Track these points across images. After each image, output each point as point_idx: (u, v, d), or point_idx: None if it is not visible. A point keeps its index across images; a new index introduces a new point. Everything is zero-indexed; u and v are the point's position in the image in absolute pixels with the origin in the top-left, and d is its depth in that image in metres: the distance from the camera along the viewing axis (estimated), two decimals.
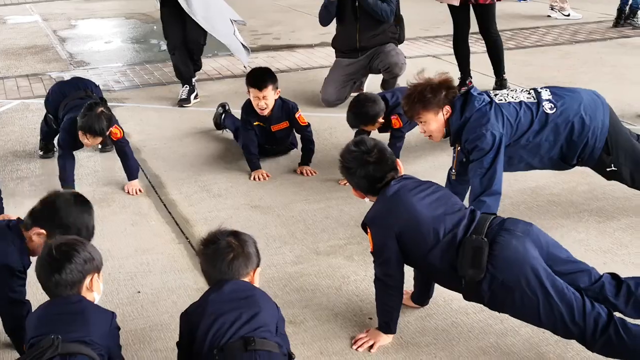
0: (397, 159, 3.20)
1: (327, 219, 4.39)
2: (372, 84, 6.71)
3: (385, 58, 6.34)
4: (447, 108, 3.79)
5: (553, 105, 3.85)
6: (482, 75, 6.93)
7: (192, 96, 6.84)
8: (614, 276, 2.96)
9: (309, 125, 5.23)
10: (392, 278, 3.07)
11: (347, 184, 4.78)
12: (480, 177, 3.72)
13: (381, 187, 3.10)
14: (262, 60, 8.18)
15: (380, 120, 4.88)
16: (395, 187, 3.06)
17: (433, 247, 2.93)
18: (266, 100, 5.00)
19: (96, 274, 2.62)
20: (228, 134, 5.87)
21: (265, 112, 5.05)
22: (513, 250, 2.83)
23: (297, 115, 5.15)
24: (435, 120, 3.82)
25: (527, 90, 3.97)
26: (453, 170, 3.95)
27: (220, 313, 2.48)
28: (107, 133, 4.65)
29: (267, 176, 5.02)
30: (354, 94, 6.65)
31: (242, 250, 2.64)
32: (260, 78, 5.04)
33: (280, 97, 5.14)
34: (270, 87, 5.00)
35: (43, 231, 2.91)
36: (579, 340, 2.83)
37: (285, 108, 5.15)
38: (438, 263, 2.95)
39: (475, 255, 2.84)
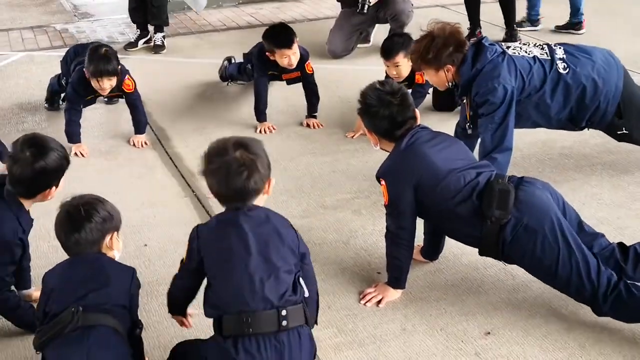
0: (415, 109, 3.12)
1: (334, 173, 4.35)
2: (379, 32, 6.57)
3: (393, 6, 6.22)
4: (449, 67, 3.65)
5: (566, 66, 3.73)
6: (492, 25, 6.80)
7: (141, 41, 6.92)
8: (621, 244, 2.97)
9: (313, 73, 5.13)
10: (404, 231, 3.03)
11: (355, 136, 4.78)
12: (492, 133, 3.64)
13: (398, 135, 3.03)
14: (267, 11, 8.05)
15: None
16: (411, 139, 3.00)
17: (454, 196, 2.90)
18: (295, 55, 4.89)
19: (115, 233, 2.59)
20: (233, 87, 5.79)
21: (294, 65, 4.92)
22: (537, 198, 2.86)
23: (306, 63, 5.05)
24: (435, 76, 3.72)
25: (540, 46, 3.84)
26: (469, 124, 3.83)
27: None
28: (120, 84, 4.61)
29: (273, 129, 4.96)
30: (361, 45, 6.59)
31: (256, 166, 2.39)
32: (288, 38, 4.87)
33: None
34: (296, 42, 4.87)
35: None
36: (589, 299, 2.83)
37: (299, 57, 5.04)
38: (458, 212, 2.91)
39: (502, 197, 2.83)
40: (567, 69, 3.72)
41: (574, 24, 6.91)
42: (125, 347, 2.42)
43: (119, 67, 4.57)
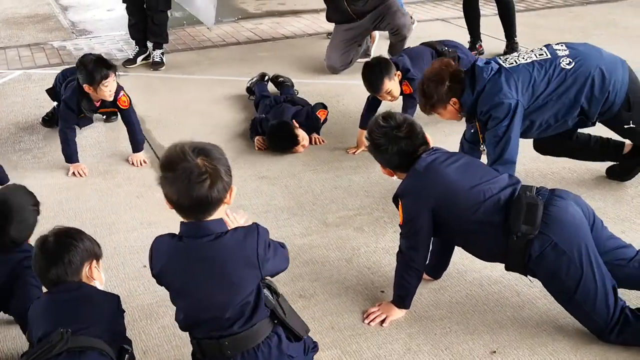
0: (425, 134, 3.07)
1: (336, 189, 4.30)
2: (380, 48, 6.55)
3: (392, 20, 6.18)
4: (454, 100, 3.67)
5: (571, 60, 3.69)
6: (492, 38, 6.78)
7: (140, 58, 6.92)
8: None
9: None
10: (417, 254, 2.98)
11: (357, 152, 4.74)
12: (494, 146, 3.62)
13: (412, 162, 2.98)
14: (267, 26, 8.03)
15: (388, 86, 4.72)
16: (428, 160, 2.94)
17: (475, 212, 2.85)
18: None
19: (94, 261, 2.54)
20: (233, 103, 5.77)
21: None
22: (570, 216, 2.80)
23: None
24: (447, 112, 3.76)
25: (539, 48, 3.82)
26: (482, 147, 3.79)
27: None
28: (116, 100, 4.59)
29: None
30: (361, 60, 6.56)
31: (219, 174, 2.22)
32: None
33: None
34: None
35: None
36: (596, 330, 2.83)
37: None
38: (481, 228, 2.86)
39: (529, 211, 2.77)
40: (572, 63, 3.68)
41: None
42: None
43: (117, 98, 4.59)
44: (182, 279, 2.30)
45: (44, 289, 2.59)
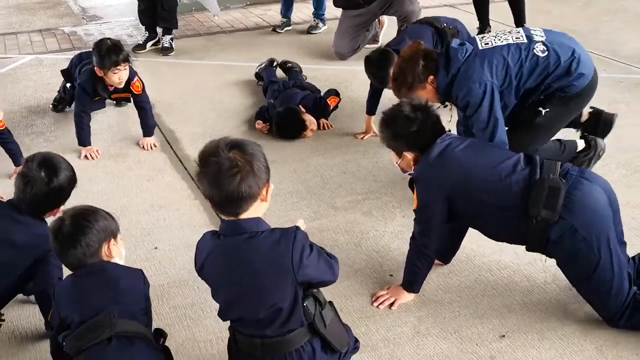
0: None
1: (345, 174, 4.32)
2: (387, 32, 6.54)
3: (400, 7, 6.16)
4: (431, 78, 3.61)
5: (545, 49, 3.59)
6: (501, 24, 6.76)
7: (150, 44, 6.94)
8: None
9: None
10: (429, 239, 2.98)
11: (365, 137, 4.76)
12: (482, 131, 3.56)
13: (427, 147, 2.94)
14: (275, 12, 8.01)
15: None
16: (442, 146, 2.92)
17: (493, 194, 2.83)
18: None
19: (112, 240, 2.54)
20: (243, 89, 5.78)
21: None
22: (594, 201, 2.77)
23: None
24: (426, 92, 3.65)
25: (517, 30, 3.73)
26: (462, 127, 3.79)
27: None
28: (129, 85, 4.62)
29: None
30: (369, 46, 6.56)
31: (251, 168, 2.18)
32: None
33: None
34: None
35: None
36: (607, 316, 2.84)
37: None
38: (500, 211, 2.84)
39: (550, 196, 2.73)
40: (546, 52, 3.59)
41: None
42: None
43: (131, 83, 4.63)
44: (217, 276, 2.30)
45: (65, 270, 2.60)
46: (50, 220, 2.87)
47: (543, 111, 3.67)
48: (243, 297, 2.26)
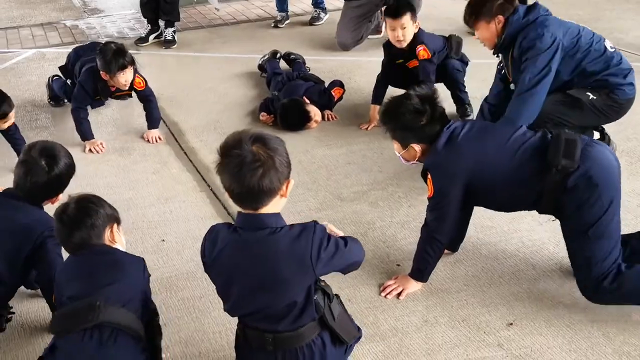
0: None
1: (350, 165, 4.32)
2: None
3: None
4: (500, 18, 3.76)
5: (613, 48, 3.86)
6: None
7: (152, 36, 6.94)
8: None
9: None
10: (442, 227, 2.98)
11: (370, 127, 4.76)
12: (531, 76, 3.69)
13: (436, 136, 2.93)
14: (273, 4, 8.00)
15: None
16: (448, 133, 2.91)
17: (509, 165, 2.85)
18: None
19: (115, 225, 2.58)
20: (245, 80, 5.78)
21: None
22: (607, 160, 2.84)
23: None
24: (488, 30, 3.82)
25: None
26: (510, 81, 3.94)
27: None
28: (131, 83, 4.64)
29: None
30: (372, 37, 6.56)
31: (273, 163, 2.16)
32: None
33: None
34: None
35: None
36: (593, 275, 2.82)
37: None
38: (517, 177, 2.85)
39: (568, 146, 2.79)
40: (614, 50, 3.85)
41: None
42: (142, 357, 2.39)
43: (132, 80, 4.64)
44: (232, 269, 2.25)
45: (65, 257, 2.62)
46: (47, 208, 2.93)
47: (590, 95, 3.82)
48: (261, 291, 2.23)
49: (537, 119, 3.74)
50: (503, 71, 4.05)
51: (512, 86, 3.94)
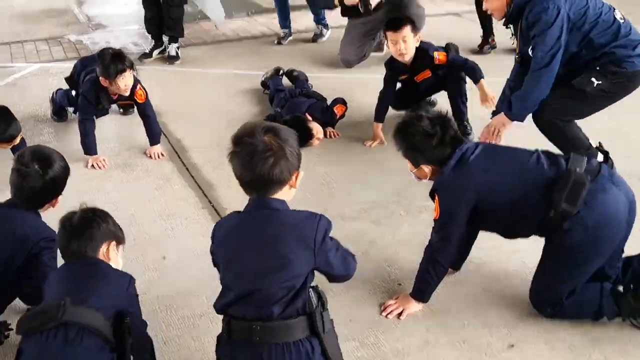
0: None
1: (352, 183, 4.33)
2: None
3: (409, 11, 6.16)
4: None
5: (623, 18, 3.85)
6: (505, 34, 6.76)
7: (156, 52, 6.97)
8: None
9: None
10: (446, 248, 2.96)
11: (373, 145, 4.77)
12: (542, 54, 3.75)
13: (447, 157, 2.92)
14: (276, 21, 8.05)
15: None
16: (459, 154, 2.89)
17: (518, 192, 2.83)
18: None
19: (113, 243, 2.58)
20: (248, 97, 5.80)
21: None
22: (614, 210, 2.78)
23: None
24: (499, 0, 3.91)
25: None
26: (517, 56, 4.05)
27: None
28: (133, 94, 4.66)
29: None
30: (374, 54, 6.57)
31: (284, 153, 2.24)
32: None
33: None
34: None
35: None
36: (553, 295, 2.93)
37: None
38: (525, 206, 2.84)
39: (574, 190, 2.74)
40: (623, 20, 3.84)
41: None
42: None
43: (134, 92, 4.66)
44: (234, 247, 2.29)
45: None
46: (46, 214, 2.98)
47: (595, 82, 3.82)
48: (262, 267, 2.24)
49: (545, 118, 3.86)
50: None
51: (515, 57, 4.08)
